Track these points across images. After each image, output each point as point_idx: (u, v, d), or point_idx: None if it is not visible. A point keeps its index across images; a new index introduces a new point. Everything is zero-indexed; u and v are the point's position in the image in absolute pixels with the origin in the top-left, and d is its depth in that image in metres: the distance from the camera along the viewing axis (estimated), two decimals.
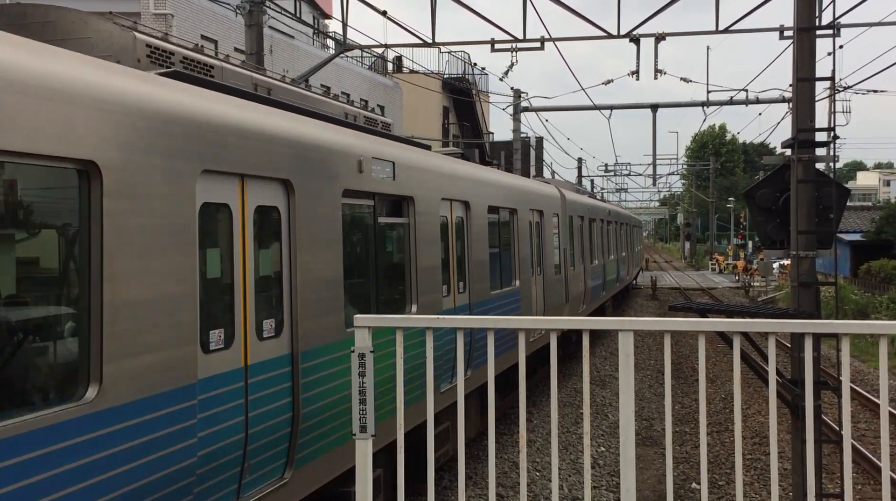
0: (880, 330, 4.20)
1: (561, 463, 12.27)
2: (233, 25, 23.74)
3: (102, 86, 4.82)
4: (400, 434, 4.53)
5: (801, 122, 9.38)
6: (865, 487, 11.68)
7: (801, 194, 9.24)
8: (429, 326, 4.61)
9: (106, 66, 5.13)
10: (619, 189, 76.94)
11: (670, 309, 9.60)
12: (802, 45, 9.39)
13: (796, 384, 8.84)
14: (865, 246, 42.60)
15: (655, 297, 40.26)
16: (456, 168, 11.41)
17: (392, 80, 38.00)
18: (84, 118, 4.58)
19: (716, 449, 13.46)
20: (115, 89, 4.91)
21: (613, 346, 20.95)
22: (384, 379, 5.86)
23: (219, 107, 5.99)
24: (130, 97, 4.99)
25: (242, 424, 5.99)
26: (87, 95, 4.64)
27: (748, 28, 16.87)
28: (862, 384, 18.22)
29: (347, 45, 18.18)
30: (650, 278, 47.06)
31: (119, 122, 4.84)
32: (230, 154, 5.92)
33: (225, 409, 5.78)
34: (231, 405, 5.88)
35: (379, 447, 7.01)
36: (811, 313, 9.14)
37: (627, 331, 4.30)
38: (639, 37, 16.80)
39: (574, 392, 17.40)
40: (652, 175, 48.83)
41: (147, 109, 5.11)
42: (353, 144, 8.01)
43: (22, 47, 4.49)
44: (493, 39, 17.24)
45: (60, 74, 4.54)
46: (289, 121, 6.98)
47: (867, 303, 31.21)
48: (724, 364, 20.58)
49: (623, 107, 31.31)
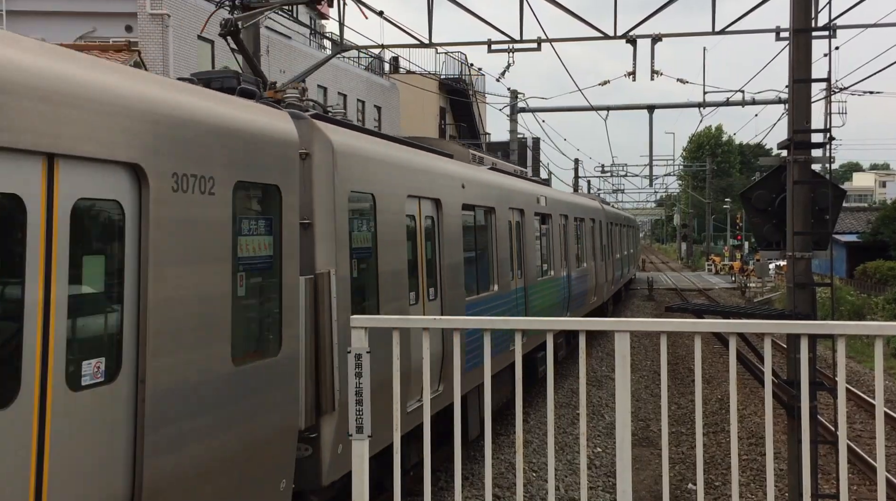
0: (876, 331, 4.21)
1: (557, 464, 12.28)
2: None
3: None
4: (396, 436, 4.53)
5: (797, 123, 9.39)
6: (861, 488, 11.71)
7: (797, 195, 9.26)
8: (426, 326, 4.61)
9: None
10: (615, 190, 76.98)
11: (667, 310, 9.60)
12: (798, 47, 9.40)
13: (792, 385, 8.86)
14: (861, 247, 42.70)
15: (652, 298, 40.29)
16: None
17: (389, 80, 37.99)
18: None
19: (712, 450, 13.47)
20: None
21: (610, 347, 20.95)
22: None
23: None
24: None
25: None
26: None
27: (744, 29, 16.91)
28: (858, 385, 18.25)
29: (344, 45, 18.19)
30: (647, 278, 47.09)
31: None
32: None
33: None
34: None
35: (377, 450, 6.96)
36: (807, 314, 9.15)
37: (624, 332, 4.31)
38: (635, 38, 16.82)
39: (571, 393, 17.41)
40: (649, 176, 48.86)
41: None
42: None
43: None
44: (489, 40, 17.25)
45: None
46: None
47: (863, 304, 31.28)
48: (721, 365, 20.60)
49: (620, 108, 31.40)
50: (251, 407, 6.06)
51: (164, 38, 22.30)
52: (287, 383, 6.54)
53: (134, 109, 5.02)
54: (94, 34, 22.12)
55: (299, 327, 6.77)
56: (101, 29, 22.54)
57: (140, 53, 18.81)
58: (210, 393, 5.58)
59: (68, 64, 4.74)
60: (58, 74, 4.58)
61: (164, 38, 22.29)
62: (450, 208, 10.61)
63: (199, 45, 24.12)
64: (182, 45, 23.02)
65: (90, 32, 22.20)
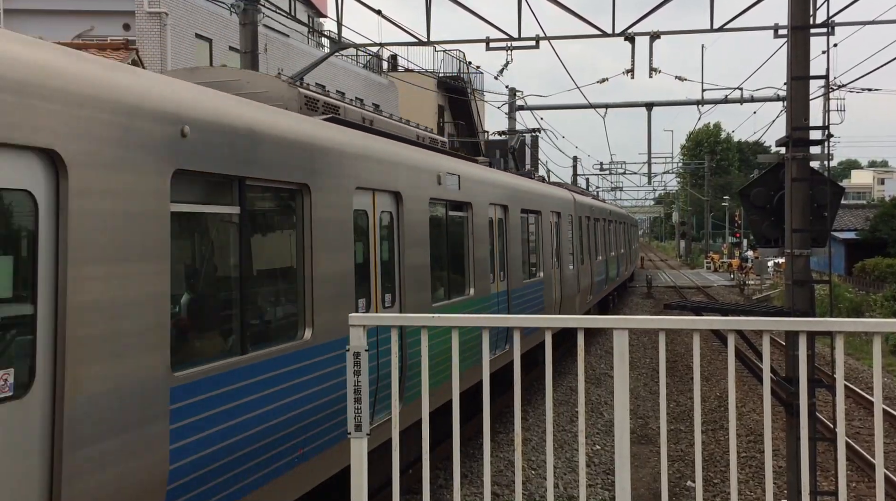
0: (874, 328, 4.20)
1: (556, 462, 12.28)
2: (227, 24, 23.70)
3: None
4: (395, 433, 4.52)
5: (796, 120, 9.40)
6: (860, 485, 11.72)
7: (796, 192, 9.26)
8: (424, 324, 4.61)
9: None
10: (614, 188, 77.01)
11: (665, 308, 9.60)
12: (797, 44, 9.40)
13: (791, 382, 8.86)
14: (860, 244, 42.74)
15: (651, 295, 40.32)
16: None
17: (387, 78, 37.98)
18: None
19: (711, 447, 13.48)
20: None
21: (609, 344, 20.96)
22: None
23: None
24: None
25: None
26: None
27: (743, 27, 16.96)
28: (856, 382, 18.27)
29: (342, 43, 18.17)
30: (646, 276, 47.12)
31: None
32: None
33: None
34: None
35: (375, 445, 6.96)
36: (806, 311, 9.16)
37: (622, 330, 4.31)
38: (634, 35, 16.81)
39: (569, 391, 17.42)
40: (647, 174, 48.85)
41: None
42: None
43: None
44: (488, 38, 17.24)
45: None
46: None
47: (862, 301, 31.32)
48: (719, 363, 20.62)
49: (618, 105, 31.35)
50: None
51: (162, 36, 22.31)
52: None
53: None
54: (91, 32, 22.11)
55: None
56: (100, 27, 22.53)
57: (138, 52, 18.80)
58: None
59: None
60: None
61: (161, 36, 22.29)
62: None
63: (197, 43, 24.12)
64: (180, 44, 23.01)
65: (88, 31, 22.19)
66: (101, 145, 4.82)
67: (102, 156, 4.81)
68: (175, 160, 5.43)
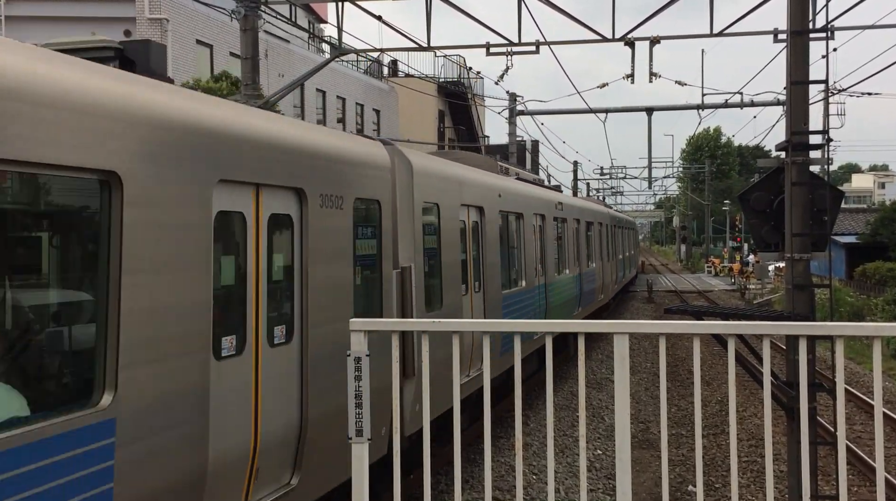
0: (875, 332, 4.21)
1: (557, 466, 12.28)
2: (228, 30, 23.75)
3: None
4: (396, 439, 4.53)
5: (795, 125, 9.40)
6: (861, 489, 11.71)
7: (796, 196, 9.26)
8: (425, 330, 4.62)
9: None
10: (614, 192, 77.06)
11: (666, 312, 9.61)
12: (796, 49, 9.41)
13: (791, 386, 8.86)
14: (860, 248, 42.69)
15: (652, 300, 40.30)
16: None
17: (388, 84, 38.03)
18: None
19: (712, 452, 13.47)
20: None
21: (609, 349, 20.95)
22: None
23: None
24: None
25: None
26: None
27: (742, 31, 16.91)
28: (857, 386, 18.26)
29: (343, 49, 18.20)
30: (646, 281, 47.09)
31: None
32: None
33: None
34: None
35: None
36: (806, 315, 9.16)
37: (623, 334, 4.32)
38: (633, 40, 16.83)
39: (570, 396, 17.41)
40: (647, 178, 48.86)
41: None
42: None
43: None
44: (488, 43, 17.26)
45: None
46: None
47: (862, 305, 31.28)
48: (720, 367, 20.60)
49: (618, 110, 31.41)
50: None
51: (163, 42, 22.34)
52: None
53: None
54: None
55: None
56: (101, 33, 22.45)
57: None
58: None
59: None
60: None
61: (162, 42, 22.33)
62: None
63: (197, 49, 24.16)
64: (181, 50, 23.05)
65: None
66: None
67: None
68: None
